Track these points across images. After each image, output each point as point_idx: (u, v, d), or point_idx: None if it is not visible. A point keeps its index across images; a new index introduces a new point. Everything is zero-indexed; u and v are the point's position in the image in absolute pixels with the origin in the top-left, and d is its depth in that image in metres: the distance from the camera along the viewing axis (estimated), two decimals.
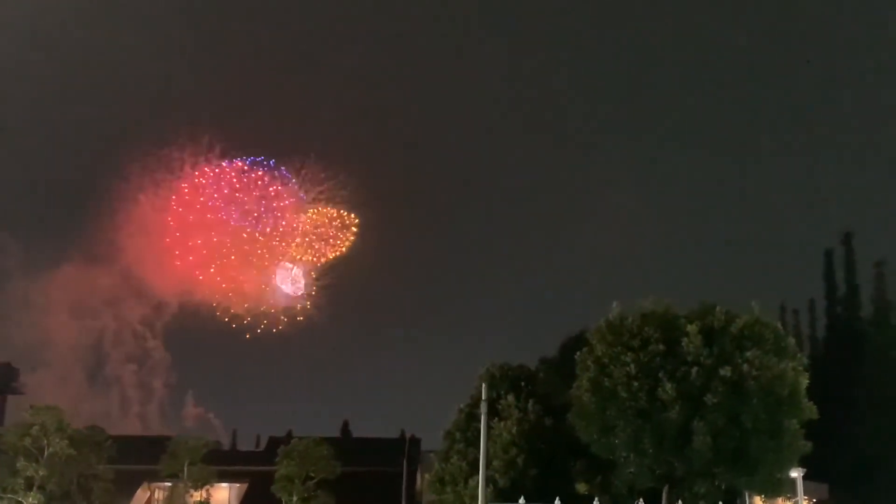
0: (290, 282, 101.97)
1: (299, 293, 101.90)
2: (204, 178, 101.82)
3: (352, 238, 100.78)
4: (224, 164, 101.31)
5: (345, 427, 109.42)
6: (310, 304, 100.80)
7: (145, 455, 72.41)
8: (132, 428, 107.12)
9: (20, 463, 60.84)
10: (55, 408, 64.84)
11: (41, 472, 61.15)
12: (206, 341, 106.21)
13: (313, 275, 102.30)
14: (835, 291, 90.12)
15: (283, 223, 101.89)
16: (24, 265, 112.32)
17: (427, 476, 71.67)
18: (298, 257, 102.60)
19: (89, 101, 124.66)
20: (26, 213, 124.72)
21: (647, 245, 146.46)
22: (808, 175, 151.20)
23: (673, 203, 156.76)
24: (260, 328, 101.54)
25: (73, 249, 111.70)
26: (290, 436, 76.73)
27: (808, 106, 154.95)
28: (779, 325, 53.30)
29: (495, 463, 54.22)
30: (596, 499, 51.33)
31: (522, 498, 49.49)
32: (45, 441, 61.54)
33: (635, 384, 49.23)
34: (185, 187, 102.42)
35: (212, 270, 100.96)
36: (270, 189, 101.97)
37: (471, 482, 53.97)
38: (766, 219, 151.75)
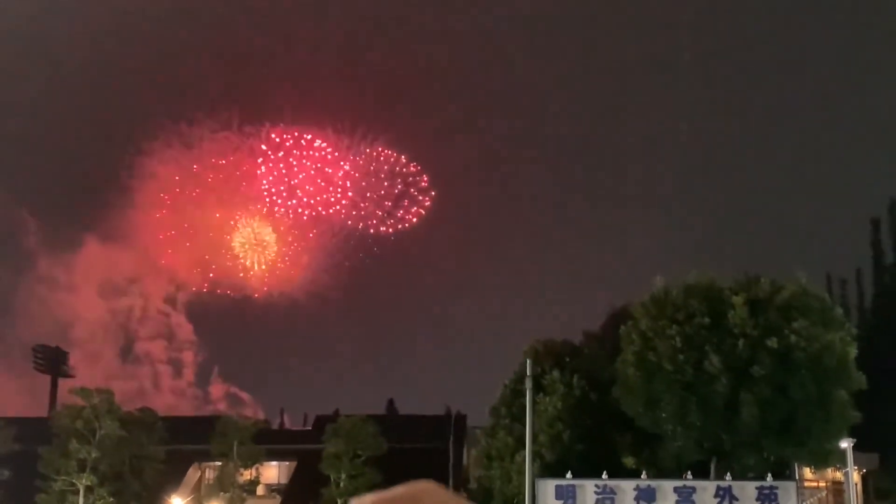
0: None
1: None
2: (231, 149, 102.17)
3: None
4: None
5: (390, 405, 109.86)
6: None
7: (195, 435, 73.15)
8: (164, 403, 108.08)
9: (72, 445, 61.77)
10: (106, 390, 65.76)
11: (93, 454, 62.05)
12: (236, 318, 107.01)
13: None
14: (882, 260, 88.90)
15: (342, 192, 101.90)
16: (44, 244, 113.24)
17: (473, 452, 71.90)
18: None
19: (107, 78, 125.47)
20: (45, 192, 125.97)
21: (691, 217, 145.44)
22: (853, 143, 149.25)
23: (716, 174, 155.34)
24: (300, 305, 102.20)
25: (92, 227, 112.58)
26: (336, 414, 77.18)
27: (854, 74, 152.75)
28: (826, 295, 52.80)
29: (541, 438, 54.26)
30: (643, 472, 51.28)
31: (569, 472, 49.52)
32: (97, 423, 62.42)
33: (681, 357, 49.04)
34: (220, 161, 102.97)
35: (240, 247, 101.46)
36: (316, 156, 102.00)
37: (517, 457, 54.10)
38: (811, 188, 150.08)
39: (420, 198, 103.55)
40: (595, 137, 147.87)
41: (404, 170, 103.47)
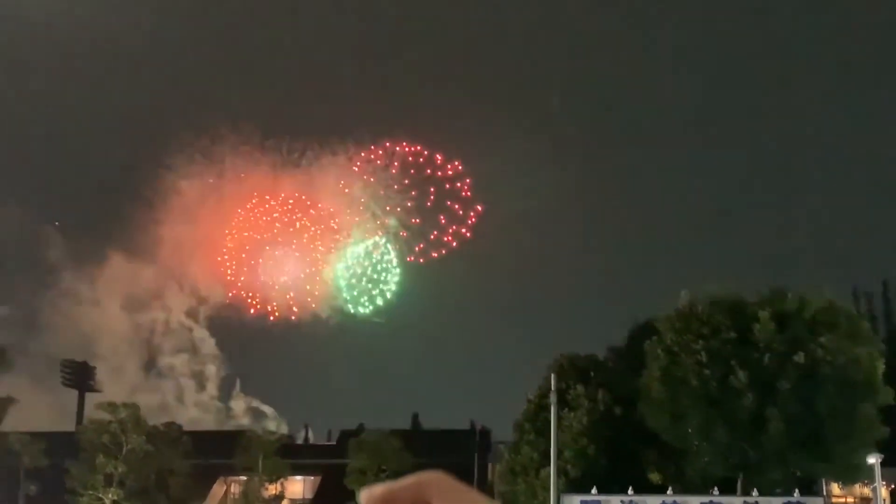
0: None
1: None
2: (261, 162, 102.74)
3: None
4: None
5: (415, 419, 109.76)
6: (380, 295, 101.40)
7: (220, 449, 73.39)
8: (188, 417, 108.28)
9: (99, 460, 62.11)
10: (132, 404, 66.14)
11: (120, 469, 62.38)
12: (258, 332, 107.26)
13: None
14: None
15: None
16: (69, 258, 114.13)
17: (498, 467, 71.70)
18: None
19: (130, 93, 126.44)
20: (68, 206, 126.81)
21: (716, 230, 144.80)
22: (879, 157, 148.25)
23: (741, 187, 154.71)
24: (323, 319, 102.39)
25: (116, 242, 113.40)
26: (361, 429, 77.28)
27: (876, 82, 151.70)
28: (852, 309, 52.52)
29: (566, 453, 54.11)
30: (669, 488, 51.02)
31: (594, 488, 49.35)
32: (123, 437, 62.76)
33: (706, 372, 48.84)
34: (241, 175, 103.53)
35: (260, 262, 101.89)
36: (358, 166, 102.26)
37: (542, 473, 53.95)
38: (837, 202, 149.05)
39: (461, 213, 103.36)
40: (621, 147, 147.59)
41: (438, 173, 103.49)
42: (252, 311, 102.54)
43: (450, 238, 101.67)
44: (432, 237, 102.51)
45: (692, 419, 49.17)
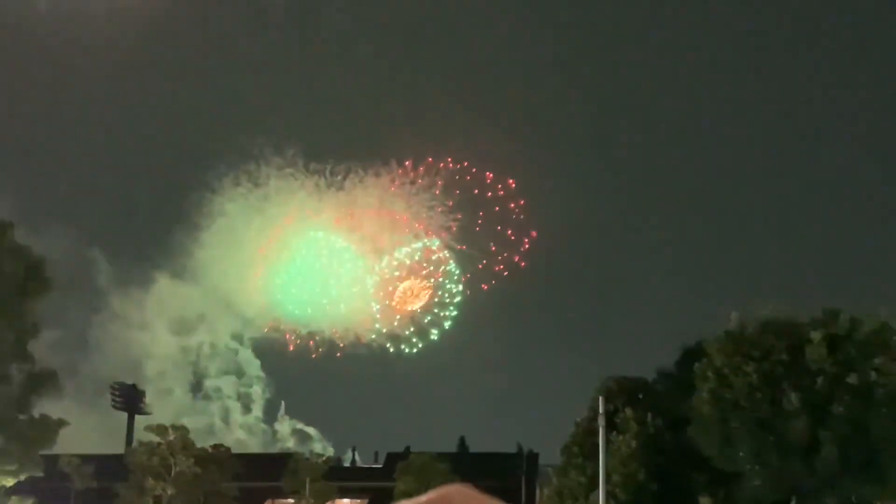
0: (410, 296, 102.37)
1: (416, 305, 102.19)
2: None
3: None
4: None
5: (462, 442, 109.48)
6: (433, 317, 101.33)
7: (267, 472, 73.64)
8: (234, 439, 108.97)
9: (148, 482, 62.50)
10: (180, 427, 66.54)
11: (169, 491, 62.72)
12: (302, 354, 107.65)
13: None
14: None
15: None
16: (116, 282, 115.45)
17: (546, 491, 71.19)
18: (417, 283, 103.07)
19: (176, 116, 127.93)
20: (116, 231, 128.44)
21: (767, 250, 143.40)
22: None
23: (793, 208, 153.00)
24: (370, 345, 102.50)
25: (162, 265, 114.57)
26: (407, 451, 77.15)
27: None
28: None
29: (615, 477, 53.58)
30: None
31: None
32: (172, 460, 63.12)
33: (758, 395, 48.19)
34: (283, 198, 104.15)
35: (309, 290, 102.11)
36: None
37: (590, 497, 53.49)
38: (891, 221, 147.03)
39: (514, 238, 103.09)
40: (670, 169, 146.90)
41: (489, 194, 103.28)
42: (290, 346, 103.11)
43: (501, 267, 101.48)
44: (481, 266, 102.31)
45: (743, 443, 48.50)
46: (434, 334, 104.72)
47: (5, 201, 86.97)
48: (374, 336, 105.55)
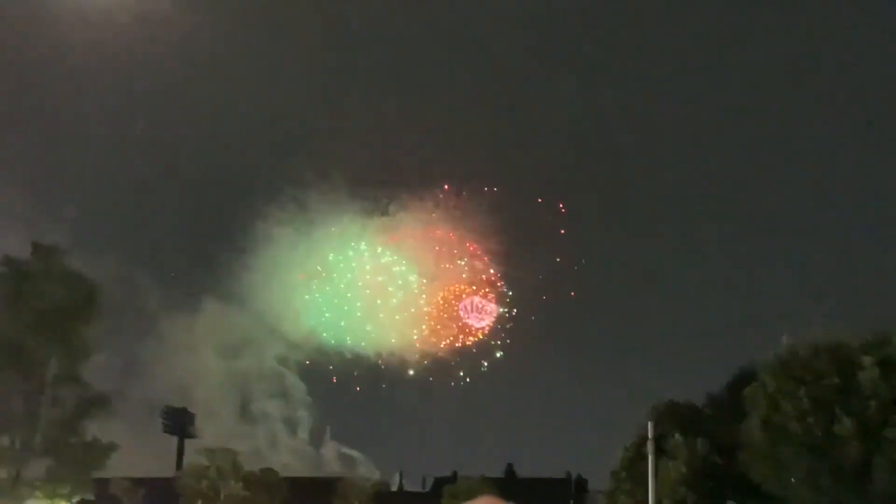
0: (474, 311, 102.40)
1: (482, 322, 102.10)
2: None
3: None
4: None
5: (509, 468, 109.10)
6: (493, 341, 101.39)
7: (315, 496, 73.86)
8: (281, 462, 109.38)
9: None
10: (229, 450, 67.00)
11: None
12: (348, 377, 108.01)
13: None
14: None
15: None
16: (165, 306, 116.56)
17: None
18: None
19: (223, 141, 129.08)
20: (164, 254, 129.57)
21: (819, 273, 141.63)
22: None
23: (844, 229, 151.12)
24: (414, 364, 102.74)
25: (210, 289, 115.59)
26: (455, 476, 77.05)
27: None
28: None
29: (665, 503, 53.12)
30: None
31: None
32: (221, 483, 63.54)
33: (809, 419, 47.55)
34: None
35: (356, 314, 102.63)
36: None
37: None
38: None
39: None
40: (722, 194, 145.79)
41: (539, 218, 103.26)
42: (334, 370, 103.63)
43: (549, 296, 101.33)
44: (530, 292, 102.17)
45: (795, 469, 47.87)
46: (484, 366, 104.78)
47: (56, 227, 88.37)
48: (419, 360, 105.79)
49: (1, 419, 53.44)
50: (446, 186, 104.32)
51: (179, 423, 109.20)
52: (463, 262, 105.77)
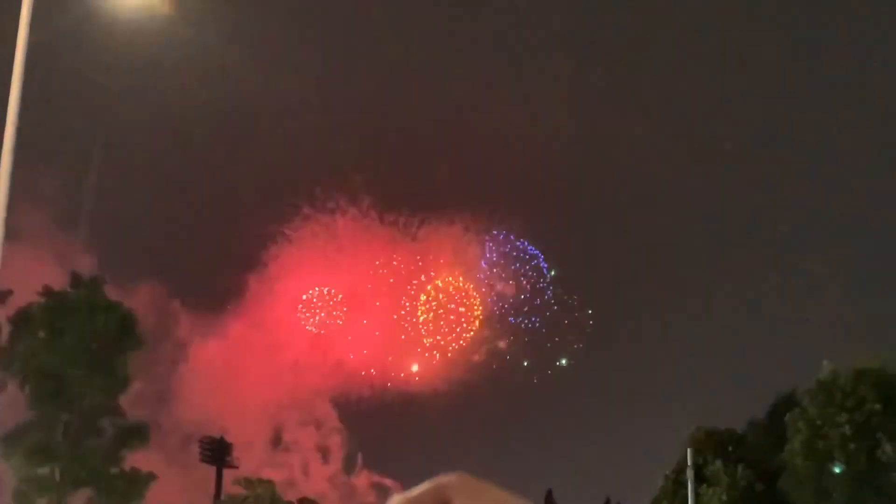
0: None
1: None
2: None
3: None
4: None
5: (549, 496, 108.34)
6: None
7: None
8: (314, 491, 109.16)
9: None
10: (268, 481, 67.04)
11: None
12: (379, 405, 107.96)
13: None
14: None
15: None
16: (194, 334, 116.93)
17: None
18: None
19: (252, 166, 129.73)
20: (193, 282, 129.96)
21: (860, 297, 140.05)
22: None
23: (885, 253, 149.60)
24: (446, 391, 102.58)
25: (237, 315, 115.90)
26: None
27: None
28: None
29: None
30: None
31: None
32: None
33: (852, 446, 46.99)
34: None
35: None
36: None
37: None
38: None
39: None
40: (760, 216, 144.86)
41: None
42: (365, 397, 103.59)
43: (584, 319, 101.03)
44: (569, 321, 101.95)
45: (838, 495, 47.27)
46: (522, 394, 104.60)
47: (90, 258, 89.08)
48: (450, 388, 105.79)
49: (42, 450, 53.82)
50: (480, 211, 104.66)
51: (217, 452, 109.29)
52: (494, 290, 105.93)
